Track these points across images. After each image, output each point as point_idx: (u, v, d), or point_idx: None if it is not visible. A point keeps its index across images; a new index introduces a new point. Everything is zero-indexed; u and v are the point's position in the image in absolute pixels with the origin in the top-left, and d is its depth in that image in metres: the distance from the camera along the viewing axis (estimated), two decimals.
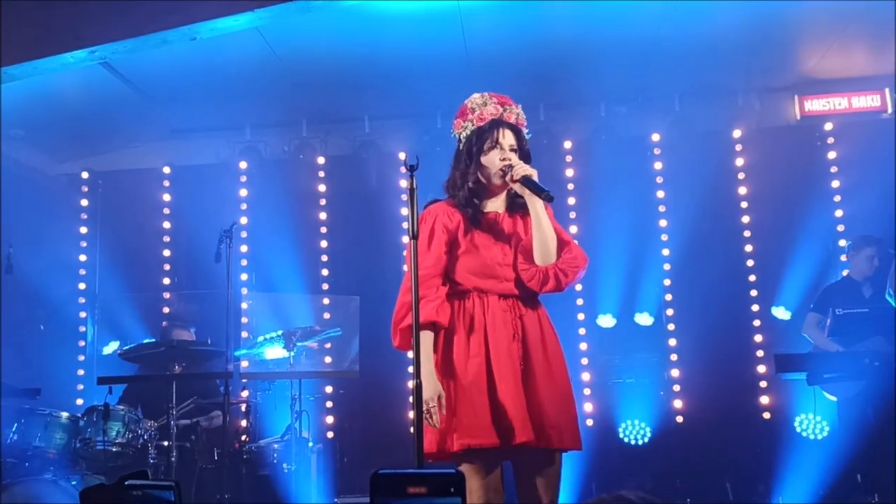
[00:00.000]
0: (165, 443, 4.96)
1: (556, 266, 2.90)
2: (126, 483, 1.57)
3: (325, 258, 7.09)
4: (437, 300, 2.92)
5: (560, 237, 2.95)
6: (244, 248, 7.06)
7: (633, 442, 6.39)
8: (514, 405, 2.79)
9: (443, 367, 2.91)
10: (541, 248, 2.90)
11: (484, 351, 2.87)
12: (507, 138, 2.99)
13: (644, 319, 6.66)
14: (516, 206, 3.03)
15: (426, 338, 2.88)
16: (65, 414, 5.04)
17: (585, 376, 6.48)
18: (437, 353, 2.92)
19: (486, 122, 3.00)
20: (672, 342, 6.57)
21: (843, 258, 5.94)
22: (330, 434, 6.58)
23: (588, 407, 6.40)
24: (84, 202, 7.41)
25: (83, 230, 7.39)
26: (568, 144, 6.79)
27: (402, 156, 6.85)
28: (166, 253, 7.30)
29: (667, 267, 6.66)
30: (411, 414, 6.13)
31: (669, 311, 6.63)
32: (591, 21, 5.66)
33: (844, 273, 5.91)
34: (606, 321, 6.67)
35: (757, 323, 6.55)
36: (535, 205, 2.90)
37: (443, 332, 2.94)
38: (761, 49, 6.16)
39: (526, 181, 2.89)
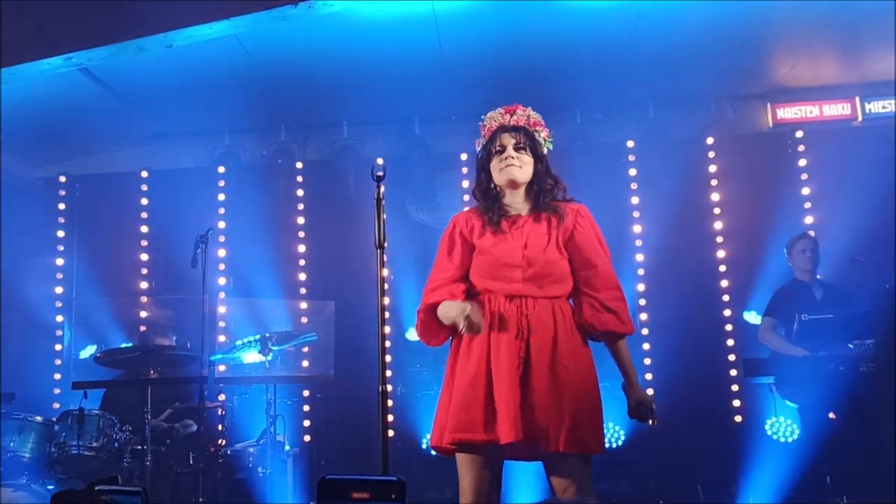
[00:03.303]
0: (140, 447, 4.99)
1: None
2: (96, 488, 1.62)
3: (302, 263, 7.12)
4: (447, 288, 3.04)
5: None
6: (222, 253, 7.08)
7: (607, 444, 6.41)
8: (506, 404, 2.81)
9: (449, 367, 3.03)
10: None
11: (485, 350, 2.92)
12: (509, 140, 3.08)
13: None
14: (543, 207, 3.06)
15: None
16: (39, 418, 5.06)
17: None
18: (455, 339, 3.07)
19: (493, 131, 3.13)
20: (645, 346, 6.65)
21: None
22: (306, 438, 6.61)
23: None
24: (61, 206, 7.40)
25: (60, 234, 7.38)
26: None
27: (380, 161, 6.86)
28: (144, 257, 7.29)
29: (640, 272, 6.74)
30: (388, 417, 6.19)
31: (643, 316, 6.70)
32: (567, 28, 5.72)
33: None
34: None
35: (729, 327, 6.63)
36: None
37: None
38: (734, 57, 6.25)
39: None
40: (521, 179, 3.07)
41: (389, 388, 2.98)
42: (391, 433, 5.74)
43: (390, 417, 6.13)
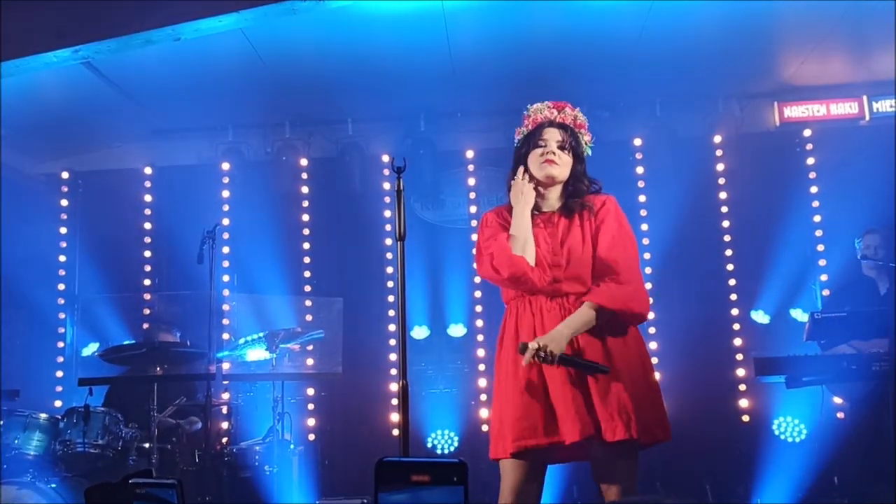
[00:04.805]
0: (146, 445, 4.94)
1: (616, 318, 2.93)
2: (130, 481, 1.58)
3: (307, 260, 7.08)
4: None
5: (610, 306, 2.90)
6: (226, 250, 7.01)
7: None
8: (566, 403, 2.79)
9: (499, 373, 2.99)
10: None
11: None
12: (554, 136, 3.05)
13: None
14: (573, 206, 3.04)
15: None
16: (44, 415, 5.00)
17: None
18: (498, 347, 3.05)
19: (537, 124, 3.10)
20: (653, 346, 6.61)
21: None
22: (312, 436, 6.56)
23: None
24: (64, 202, 7.34)
25: (63, 230, 7.32)
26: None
27: (385, 158, 6.88)
28: (147, 254, 7.25)
29: (647, 271, 6.70)
30: (394, 416, 6.14)
31: (650, 315, 6.65)
32: (574, 26, 5.69)
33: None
34: None
35: (736, 327, 6.60)
36: (570, 333, 2.90)
37: (503, 337, 3.02)
38: (742, 56, 6.22)
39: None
40: (560, 177, 3.04)
41: (394, 387, 2.94)
42: (395, 432, 5.70)
43: (395, 417, 6.09)
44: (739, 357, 6.53)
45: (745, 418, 6.42)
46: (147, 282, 7.19)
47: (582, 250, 2.95)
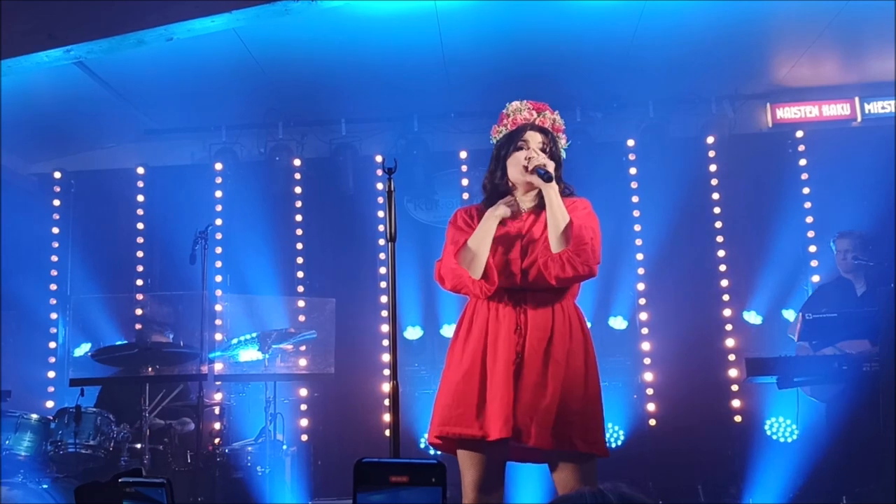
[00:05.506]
0: (138, 445, 4.94)
1: (561, 255, 2.86)
2: (120, 480, 1.59)
3: (300, 260, 7.08)
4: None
5: (578, 232, 2.86)
6: (219, 250, 7.01)
7: (606, 444, 6.42)
8: (499, 400, 2.79)
9: (447, 361, 3.02)
10: (553, 234, 2.88)
11: (482, 344, 2.91)
12: (535, 139, 3.06)
13: (618, 323, 6.71)
14: (543, 204, 3.02)
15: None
16: (35, 416, 4.99)
17: None
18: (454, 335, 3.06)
19: (518, 125, 3.10)
20: (645, 346, 6.63)
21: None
22: (304, 437, 6.57)
23: None
24: (56, 202, 7.33)
25: (55, 231, 7.31)
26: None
27: (378, 158, 6.87)
28: (140, 254, 7.24)
29: (640, 271, 6.73)
30: (386, 416, 6.15)
31: (643, 316, 6.69)
32: (568, 26, 5.70)
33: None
34: None
35: (729, 327, 6.61)
36: (549, 192, 2.93)
37: (459, 327, 3.03)
38: (734, 57, 6.25)
39: (536, 170, 2.94)
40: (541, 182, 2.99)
41: (387, 387, 2.96)
42: (388, 433, 5.71)
43: (387, 417, 6.10)
44: (732, 357, 6.53)
45: (738, 418, 6.43)
46: (139, 282, 7.18)
47: (542, 245, 2.94)
